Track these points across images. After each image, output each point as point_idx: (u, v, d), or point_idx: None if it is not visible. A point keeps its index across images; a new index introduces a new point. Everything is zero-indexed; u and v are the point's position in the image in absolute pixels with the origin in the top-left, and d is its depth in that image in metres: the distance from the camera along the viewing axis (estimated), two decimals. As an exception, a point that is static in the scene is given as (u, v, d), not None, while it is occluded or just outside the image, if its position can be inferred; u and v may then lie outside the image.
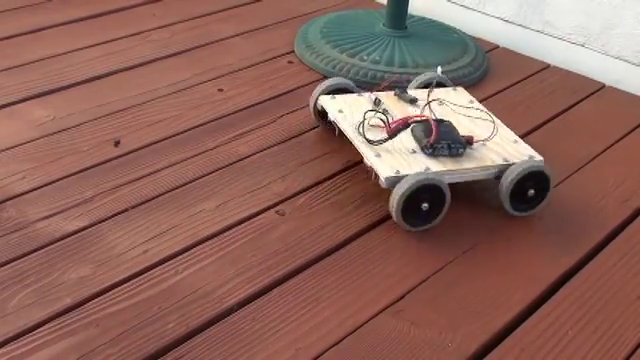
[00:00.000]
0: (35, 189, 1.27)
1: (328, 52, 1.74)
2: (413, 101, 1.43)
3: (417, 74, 1.68)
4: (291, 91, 1.63)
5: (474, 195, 1.36)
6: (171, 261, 1.15)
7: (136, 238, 1.18)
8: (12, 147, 1.37)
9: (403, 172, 1.24)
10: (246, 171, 1.36)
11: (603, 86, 1.78)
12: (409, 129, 1.31)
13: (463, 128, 1.34)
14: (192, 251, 1.17)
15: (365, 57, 1.71)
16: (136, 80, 1.62)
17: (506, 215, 1.31)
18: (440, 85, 1.51)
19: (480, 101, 1.66)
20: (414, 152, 1.29)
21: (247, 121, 1.51)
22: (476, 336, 1.06)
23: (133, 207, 1.25)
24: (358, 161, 1.41)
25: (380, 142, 1.29)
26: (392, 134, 1.29)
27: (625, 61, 1.80)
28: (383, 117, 1.32)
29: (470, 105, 1.45)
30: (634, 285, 1.18)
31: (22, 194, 1.25)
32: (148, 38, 1.80)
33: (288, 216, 1.26)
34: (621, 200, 1.38)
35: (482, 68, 1.77)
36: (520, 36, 1.94)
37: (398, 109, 1.40)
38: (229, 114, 1.53)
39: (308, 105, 1.51)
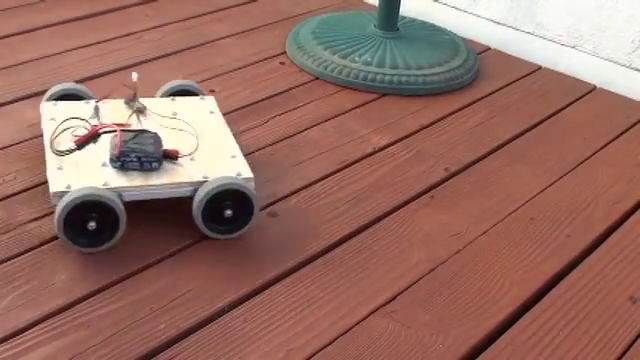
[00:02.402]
0: (25, 190, 1.26)
1: (319, 53, 1.74)
2: (141, 110, 1.30)
3: (408, 75, 1.68)
4: (283, 92, 1.63)
5: (468, 198, 1.36)
6: (163, 262, 1.15)
7: (127, 239, 1.18)
8: (3, 147, 1.36)
9: (75, 187, 1.11)
10: (238, 172, 1.36)
11: (594, 88, 1.78)
12: (107, 140, 1.20)
13: (180, 141, 1.23)
14: (184, 252, 1.17)
15: (357, 58, 1.71)
16: (128, 81, 1.61)
17: (498, 216, 1.31)
18: (190, 93, 1.41)
19: (472, 103, 1.67)
20: (105, 165, 1.17)
21: (239, 122, 1.50)
22: (467, 338, 1.07)
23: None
24: (351, 162, 1.42)
25: (66, 152, 1.18)
26: (80, 144, 1.19)
27: (616, 63, 1.80)
28: (88, 126, 1.21)
29: (203, 117, 1.33)
30: (625, 287, 1.19)
31: (13, 195, 1.25)
32: (140, 39, 1.80)
33: (280, 217, 1.26)
34: (612, 202, 1.38)
35: (474, 70, 1.78)
36: (511, 38, 1.95)
37: (120, 119, 1.27)
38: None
39: (299, 107, 1.51)
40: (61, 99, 1.35)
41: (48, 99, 1.35)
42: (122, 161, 1.16)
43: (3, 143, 1.37)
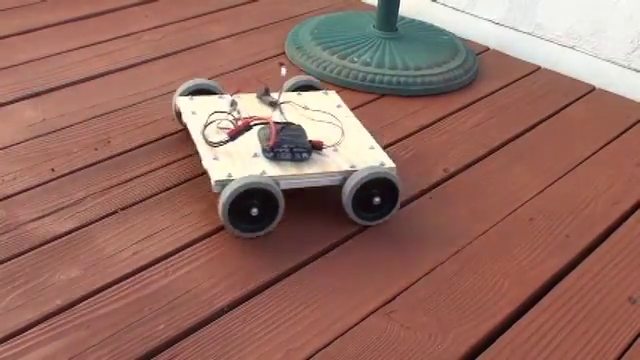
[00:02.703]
0: (25, 190, 1.26)
1: (319, 54, 1.74)
2: (273, 104, 1.37)
3: (407, 76, 1.69)
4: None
5: (467, 198, 1.36)
6: (161, 262, 1.15)
7: (126, 240, 1.18)
8: (2, 148, 1.36)
9: (235, 175, 1.17)
10: (237, 172, 1.36)
11: (593, 88, 1.78)
12: (254, 132, 1.25)
13: (320, 133, 1.28)
14: (182, 253, 1.17)
15: (355, 59, 1.71)
16: (127, 81, 1.62)
17: (497, 217, 1.31)
18: (312, 88, 1.48)
19: (471, 103, 1.67)
20: (256, 156, 1.23)
21: (238, 122, 1.51)
22: (466, 338, 1.07)
23: (123, 209, 1.24)
24: (349, 163, 1.42)
25: (220, 144, 1.23)
26: (232, 136, 1.23)
27: (615, 64, 1.80)
28: (232, 119, 1.26)
29: (333, 110, 1.39)
30: (624, 287, 1.19)
31: (12, 195, 1.25)
32: (140, 39, 1.80)
33: (279, 217, 1.26)
34: (611, 202, 1.38)
35: (473, 70, 1.78)
36: (511, 38, 1.95)
37: (257, 112, 1.33)
38: (220, 115, 1.53)
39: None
40: (193, 94, 1.41)
41: (181, 94, 1.40)
42: (275, 152, 1.21)
43: (3, 143, 1.38)
